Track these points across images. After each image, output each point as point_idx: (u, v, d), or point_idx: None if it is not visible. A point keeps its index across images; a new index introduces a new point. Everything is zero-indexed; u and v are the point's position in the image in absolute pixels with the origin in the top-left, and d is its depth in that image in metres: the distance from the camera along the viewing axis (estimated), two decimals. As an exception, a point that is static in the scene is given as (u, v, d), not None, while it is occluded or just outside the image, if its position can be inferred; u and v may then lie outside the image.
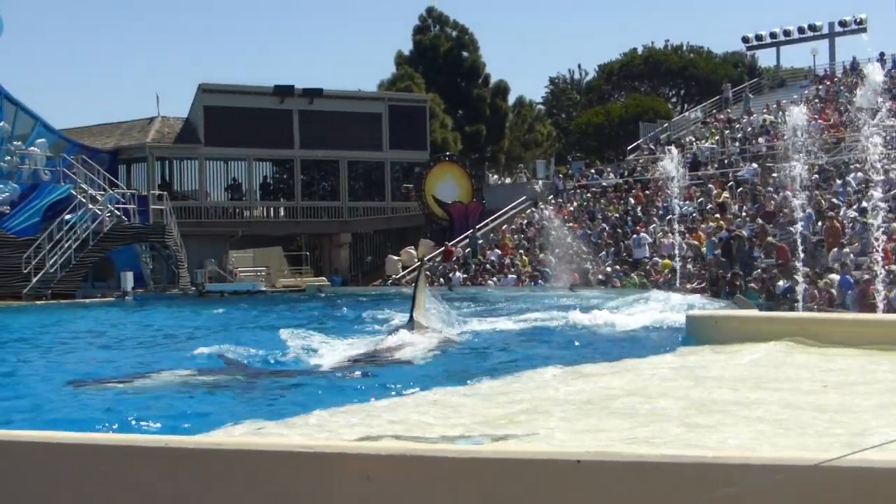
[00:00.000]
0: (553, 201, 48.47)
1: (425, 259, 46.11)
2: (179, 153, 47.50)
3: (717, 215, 36.71)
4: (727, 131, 49.10)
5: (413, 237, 48.76)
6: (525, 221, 47.58)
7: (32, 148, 38.31)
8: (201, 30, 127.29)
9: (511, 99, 67.59)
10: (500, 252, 44.80)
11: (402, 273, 45.93)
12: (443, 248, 45.50)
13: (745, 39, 65.68)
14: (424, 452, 4.06)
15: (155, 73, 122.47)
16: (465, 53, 63.05)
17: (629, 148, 52.90)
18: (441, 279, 42.93)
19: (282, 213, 50.04)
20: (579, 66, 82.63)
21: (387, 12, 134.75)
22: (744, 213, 35.77)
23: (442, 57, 61.83)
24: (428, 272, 44.76)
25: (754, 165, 40.19)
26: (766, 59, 71.56)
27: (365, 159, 51.32)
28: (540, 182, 53.35)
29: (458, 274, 44.37)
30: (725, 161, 43.72)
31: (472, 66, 62.83)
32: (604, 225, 42.44)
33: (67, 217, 37.24)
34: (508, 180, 59.21)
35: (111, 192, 39.36)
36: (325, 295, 38.75)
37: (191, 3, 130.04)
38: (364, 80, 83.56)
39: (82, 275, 37.89)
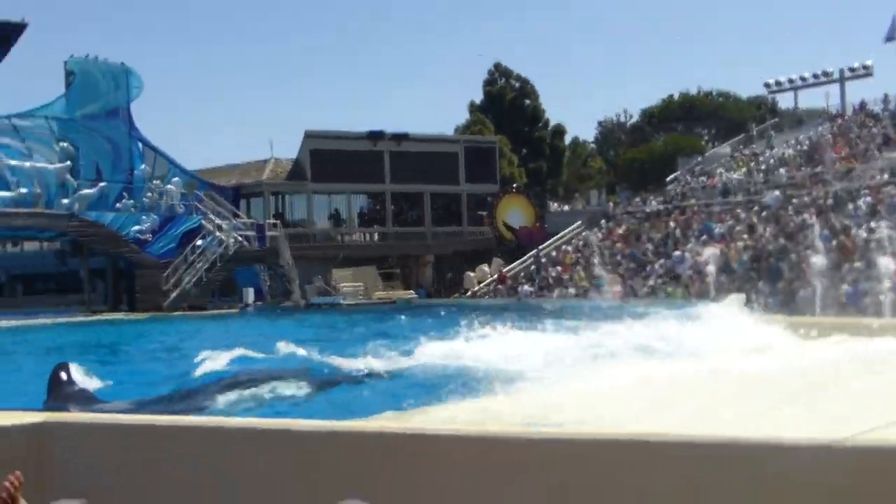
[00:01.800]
0: (605, 225, 48.13)
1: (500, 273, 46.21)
2: (290, 189, 47.84)
3: (746, 235, 36.13)
4: (752, 163, 48.37)
5: (486, 257, 48.82)
6: (581, 242, 47.25)
7: (169, 186, 38.85)
8: (306, 83, 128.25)
9: (567, 139, 67.76)
10: (559, 268, 44.58)
11: (478, 287, 45.96)
12: (497, 276, 45.74)
13: (766, 85, 64.39)
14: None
15: (268, 121, 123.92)
16: (527, 101, 62.99)
17: (668, 179, 52.31)
18: (509, 293, 43.06)
19: (376, 237, 50.16)
20: (625, 111, 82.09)
21: (461, 68, 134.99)
22: (768, 234, 35.16)
23: (508, 104, 61.84)
24: (500, 287, 44.97)
25: (777, 192, 39.41)
26: (785, 101, 70.41)
27: (444, 192, 51.31)
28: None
29: (525, 287, 44.21)
30: (751, 189, 42.94)
31: (534, 112, 62.77)
32: (648, 245, 41.99)
33: (199, 243, 37.73)
34: (567, 207, 58.75)
35: (234, 221, 39.75)
36: (412, 305, 38.95)
37: (297, 60, 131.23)
38: (443, 126, 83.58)
39: (212, 290, 38.32)
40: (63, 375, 9.06)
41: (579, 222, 50.73)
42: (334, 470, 3.93)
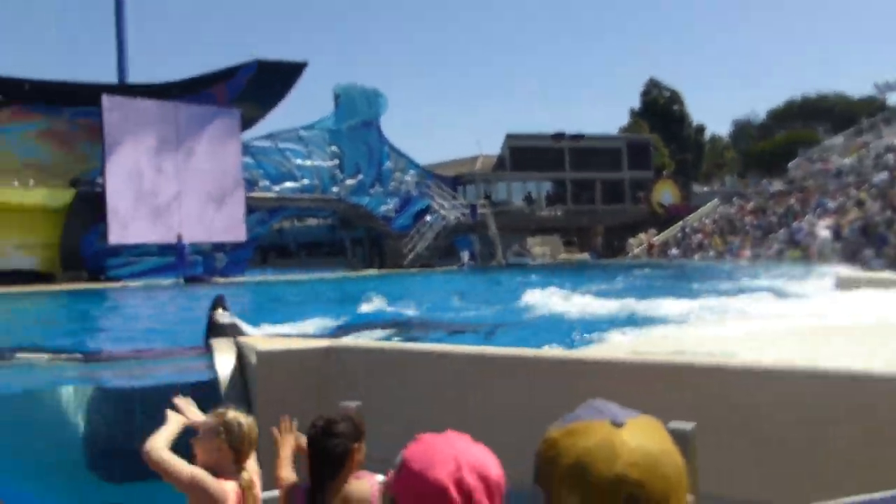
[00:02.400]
0: (737, 202, 45.83)
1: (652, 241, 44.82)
2: (495, 177, 47.84)
3: (856, 209, 33.37)
4: (863, 150, 44.54)
5: (643, 227, 47.60)
6: (718, 215, 45.18)
7: (407, 177, 39.59)
8: (506, 95, 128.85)
9: (707, 135, 64.88)
10: (701, 236, 42.81)
11: (636, 251, 44.85)
12: (648, 244, 44.56)
13: (876, 85, 59.45)
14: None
15: (478, 125, 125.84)
16: (675, 107, 60.51)
17: (790, 165, 49.10)
18: (659, 255, 42.02)
19: (559, 213, 49.52)
20: (753, 111, 78.16)
21: (623, 82, 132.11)
22: (877, 207, 32.30)
23: (660, 110, 59.66)
24: (655, 250, 43.75)
25: (885, 174, 36.13)
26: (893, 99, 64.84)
27: (611, 178, 50.00)
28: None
29: (673, 251, 42.80)
30: (862, 171, 39.57)
31: (681, 115, 60.27)
32: (773, 217, 39.60)
33: (428, 218, 38.33)
34: (706, 188, 56.25)
35: (454, 202, 40.14)
36: (587, 264, 38.52)
37: (499, 76, 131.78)
38: (609, 127, 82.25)
39: (438, 254, 38.91)
40: (221, 306, 8.43)
41: (716, 200, 48.78)
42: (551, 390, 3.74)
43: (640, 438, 1.18)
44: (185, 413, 3.24)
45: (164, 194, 31.19)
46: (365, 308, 14.42)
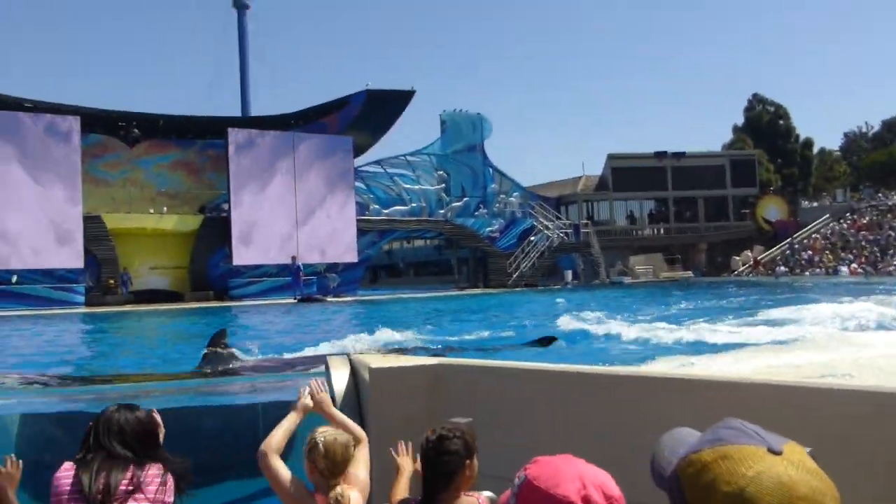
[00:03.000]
0: (849, 217, 43.50)
1: (759, 259, 43.00)
2: (597, 197, 47.26)
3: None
4: None
5: (748, 244, 45.79)
6: (829, 231, 43.00)
7: (511, 198, 39.60)
8: (607, 117, 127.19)
9: (815, 149, 61.62)
10: (810, 252, 40.83)
11: (742, 268, 43.16)
12: (753, 261, 42.71)
13: None
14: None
15: (579, 147, 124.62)
16: (780, 121, 57.97)
17: (908, 178, 46.27)
18: (767, 273, 40.18)
19: (661, 231, 48.41)
20: (866, 123, 73.87)
21: (725, 99, 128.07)
22: None
23: (764, 125, 57.27)
24: (762, 267, 41.99)
25: None
26: None
27: (714, 195, 48.50)
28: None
29: (780, 268, 40.97)
30: None
31: (786, 130, 57.59)
32: (890, 232, 37.35)
33: (532, 238, 38.16)
34: (815, 203, 53.61)
35: (557, 222, 39.84)
36: (689, 283, 37.35)
37: (599, 100, 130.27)
38: (710, 144, 79.67)
39: (541, 273, 38.64)
40: (220, 339, 8.75)
41: (827, 216, 46.35)
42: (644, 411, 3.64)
43: (802, 469, 1.12)
44: (312, 401, 3.42)
45: (282, 218, 32.32)
46: (474, 324, 14.48)
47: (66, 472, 2.71)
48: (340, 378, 5.02)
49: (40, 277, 27.50)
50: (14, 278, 26.97)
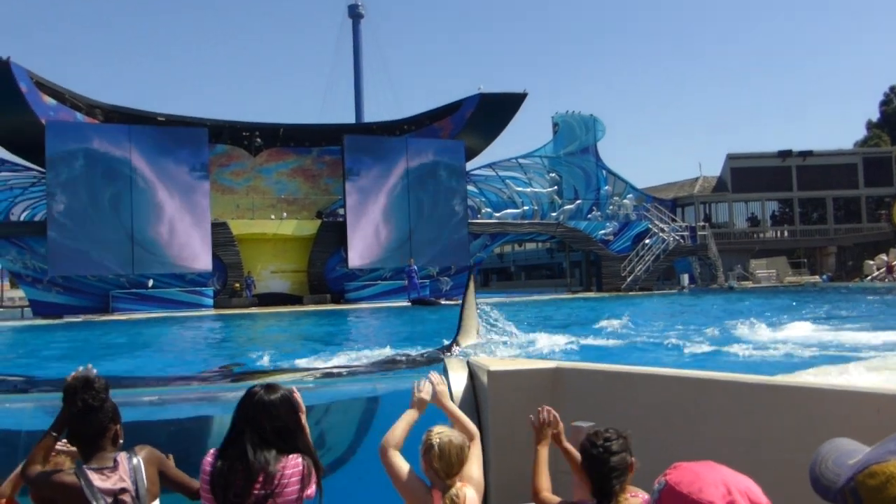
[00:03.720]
0: None
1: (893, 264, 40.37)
2: (714, 199, 45.74)
3: None
4: None
5: (884, 248, 43.01)
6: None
7: (625, 200, 38.85)
8: (726, 114, 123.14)
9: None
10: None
11: (876, 273, 40.64)
12: (886, 266, 39.98)
13: None
14: None
15: (696, 147, 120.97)
16: (920, 116, 54.43)
17: None
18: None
19: (785, 234, 46.32)
20: None
21: (858, 92, 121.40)
22: None
23: (903, 120, 53.93)
24: (891, 274, 39.40)
25: None
26: None
27: (845, 196, 45.97)
28: None
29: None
30: None
31: (928, 124, 54.05)
32: None
33: (646, 241, 37.31)
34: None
35: (672, 225, 38.81)
36: (818, 288, 35.48)
37: (720, 93, 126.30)
38: (841, 142, 75.57)
39: (656, 276, 37.73)
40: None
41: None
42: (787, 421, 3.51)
43: None
44: (431, 393, 3.52)
45: (396, 222, 32.96)
46: (589, 328, 14.33)
47: (209, 459, 2.85)
48: (458, 380, 5.11)
49: (173, 281, 29.16)
50: (150, 282, 28.72)
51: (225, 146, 33.62)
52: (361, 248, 32.36)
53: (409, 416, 3.40)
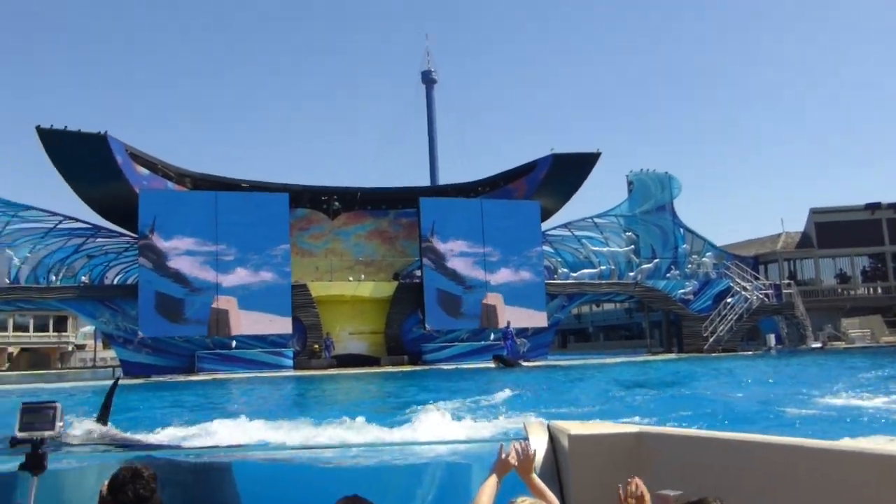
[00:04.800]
0: None
1: None
2: (799, 255, 44.35)
3: None
4: None
5: None
6: None
7: (704, 259, 38.11)
8: (810, 165, 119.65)
9: None
10: None
11: None
12: None
13: None
14: None
15: (778, 204, 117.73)
16: None
17: None
18: None
19: (879, 290, 44.37)
20: None
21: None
22: None
23: None
24: None
25: None
26: None
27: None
28: None
29: None
30: None
31: None
32: None
33: (728, 300, 36.38)
34: None
35: (755, 283, 37.75)
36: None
37: (800, 147, 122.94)
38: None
39: (740, 337, 36.61)
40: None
41: None
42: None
43: None
44: (515, 463, 3.53)
45: (472, 283, 33.09)
46: (669, 394, 13.97)
47: None
48: (539, 443, 5.09)
49: (255, 342, 29.89)
50: (233, 343, 29.52)
51: (305, 210, 34.67)
52: (438, 310, 32.52)
53: (491, 484, 3.42)
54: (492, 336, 32.80)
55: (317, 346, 30.98)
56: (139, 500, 2.94)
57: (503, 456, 3.55)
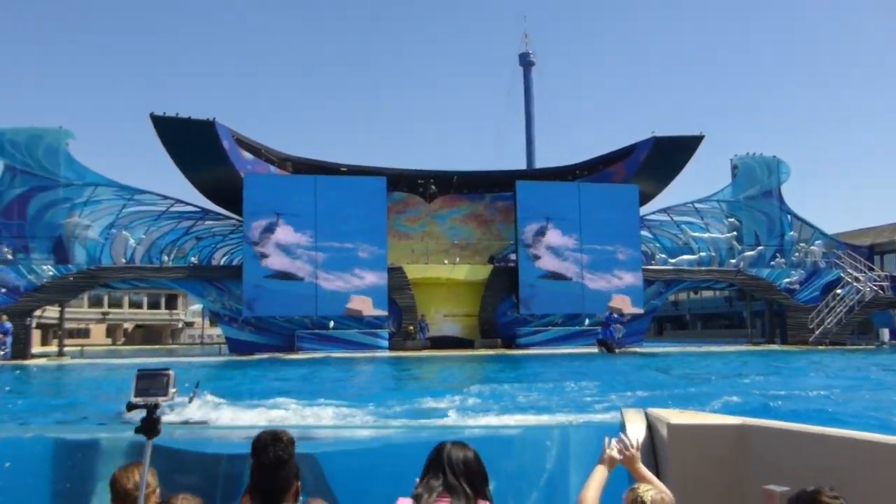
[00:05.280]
0: None
1: None
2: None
3: None
4: None
5: None
6: None
7: (812, 247, 36.45)
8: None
9: None
10: None
11: None
12: None
13: None
14: None
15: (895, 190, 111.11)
16: None
17: None
18: None
19: None
20: None
21: None
22: None
23: None
24: None
25: None
26: None
27: None
28: None
29: None
30: None
31: None
32: None
33: (838, 291, 34.74)
34: None
35: (870, 274, 35.86)
36: None
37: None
38: None
39: (850, 330, 34.93)
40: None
41: None
42: None
43: None
44: (618, 456, 3.53)
45: (567, 267, 32.78)
46: (771, 384, 13.49)
47: None
48: (636, 432, 5.03)
49: (352, 323, 30.58)
50: (331, 323, 30.30)
51: (402, 193, 35.14)
52: (532, 294, 32.40)
53: (601, 473, 3.45)
54: (587, 321, 32.47)
55: (412, 327, 31.42)
56: (279, 461, 3.12)
57: (608, 450, 3.56)
